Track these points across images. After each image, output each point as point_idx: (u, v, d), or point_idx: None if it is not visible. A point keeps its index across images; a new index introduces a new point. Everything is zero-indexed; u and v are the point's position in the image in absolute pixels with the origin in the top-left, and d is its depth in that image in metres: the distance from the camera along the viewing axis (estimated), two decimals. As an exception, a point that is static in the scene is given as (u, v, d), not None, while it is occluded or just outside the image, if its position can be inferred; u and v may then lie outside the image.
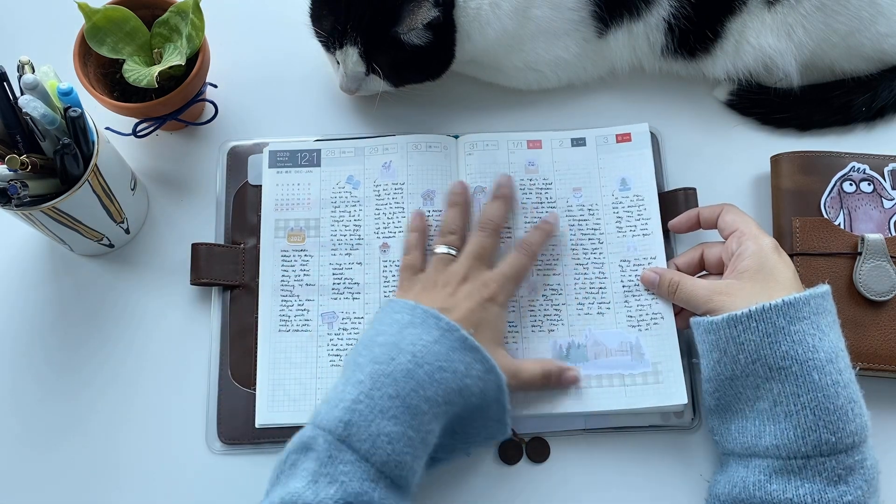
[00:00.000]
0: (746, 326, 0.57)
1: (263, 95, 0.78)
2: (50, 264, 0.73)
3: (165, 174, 0.76)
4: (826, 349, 0.56)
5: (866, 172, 0.71)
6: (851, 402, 0.56)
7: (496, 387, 0.59)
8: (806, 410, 0.55)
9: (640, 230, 0.71)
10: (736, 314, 0.58)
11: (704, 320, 0.60)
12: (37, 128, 0.61)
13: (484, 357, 0.59)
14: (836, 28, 0.71)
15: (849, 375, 0.57)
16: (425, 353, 0.56)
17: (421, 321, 0.58)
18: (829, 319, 0.58)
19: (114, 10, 0.69)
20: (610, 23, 0.72)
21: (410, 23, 0.65)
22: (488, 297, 0.63)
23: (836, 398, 0.55)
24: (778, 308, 0.57)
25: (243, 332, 0.68)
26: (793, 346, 0.56)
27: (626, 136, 0.74)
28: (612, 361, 0.66)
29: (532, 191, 0.72)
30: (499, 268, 0.65)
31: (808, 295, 0.57)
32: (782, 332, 0.56)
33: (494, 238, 0.67)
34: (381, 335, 0.58)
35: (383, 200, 0.72)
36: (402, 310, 0.60)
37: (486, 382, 0.59)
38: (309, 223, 0.71)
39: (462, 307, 0.61)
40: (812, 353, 0.56)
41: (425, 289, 0.64)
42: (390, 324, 0.59)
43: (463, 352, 0.58)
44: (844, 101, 0.74)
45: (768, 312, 0.57)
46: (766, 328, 0.57)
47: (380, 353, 0.57)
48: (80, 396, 0.68)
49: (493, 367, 0.59)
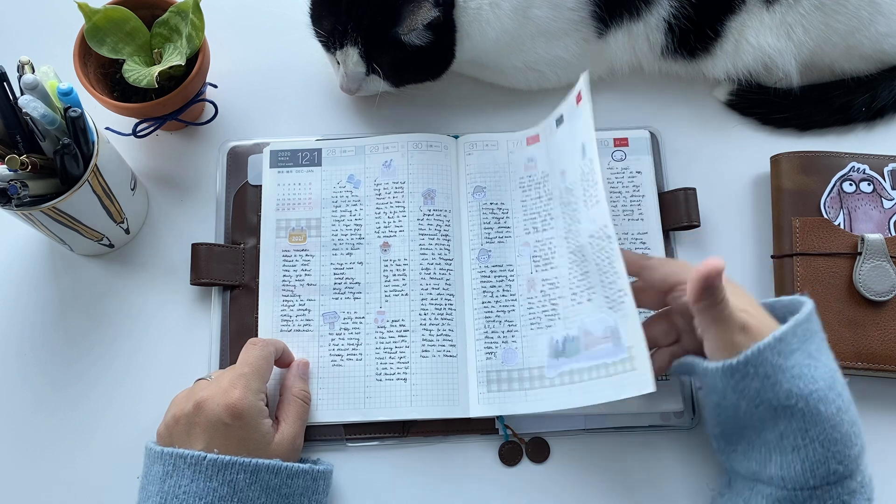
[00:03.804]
0: (744, 374, 0.54)
1: (263, 95, 0.78)
2: (50, 264, 0.73)
3: (165, 174, 0.76)
4: (824, 376, 0.54)
5: (866, 172, 0.71)
6: (853, 424, 0.55)
7: (275, 474, 0.57)
8: (815, 444, 0.53)
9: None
10: (731, 363, 0.54)
11: (700, 367, 0.57)
12: (37, 128, 0.61)
13: (243, 464, 0.56)
14: (835, 28, 0.71)
15: (847, 394, 0.56)
16: (188, 498, 0.55)
17: (173, 468, 0.56)
18: (818, 341, 0.57)
19: (114, 10, 0.69)
20: (610, 23, 0.72)
21: (411, 23, 0.65)
22: (233, 409, 0.58)
23: (842, 425, 0.54)
24: (770, 346, 0.54)
25: (243, 332, 0.69)
26: (793, 382, 0.54)
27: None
28: (597, 351, 0.63)
29: (531, 187, 0.72)
30: (236, 369, 0.61)
31: (794, 324, 0.55)
32: (780, 370, 0.54)
33: None
34: (150, 497, 0.56)
35: (384, 199, 0.72)
36: (154, 460, 0.57)
37: (262, 482, 0.57)
38: (310, 223, 0.71)
39: (210, 435, 0.58)
40: (813, 385, 0.54)
41: (172, 421, 0.60)
42: (152, 481, 0.57)
43: (221, 473, 0.56)
44: (844, 101, 0.75)
45: (763, 353, 0.54)
46: (766, 370, 0.54)
47: None
48: (80, 396, 0.68)
49: (258, 466, 0.56)
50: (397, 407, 0.66)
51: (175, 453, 0.56)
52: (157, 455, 0.57)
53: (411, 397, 0.66)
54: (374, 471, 0.66)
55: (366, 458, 0.66)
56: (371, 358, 0.67)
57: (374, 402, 0.66)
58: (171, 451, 0.57)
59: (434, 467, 0.66)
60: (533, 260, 0.70)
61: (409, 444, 0.66)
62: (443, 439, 0.66)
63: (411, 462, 0.66)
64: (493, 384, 0.66)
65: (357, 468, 0.66)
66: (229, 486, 0.56)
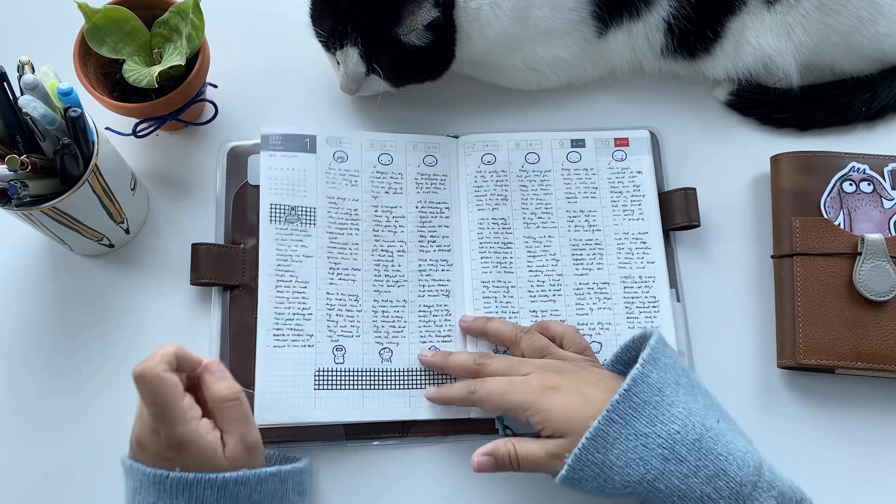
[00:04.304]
0: (579, 478, 0.55)
1: (264, 95, 0.78)
2: (50, 264, 0.73)
3: (165, 174, 0.76)
4: (656, 452, 0.54)
5: (866, 172, 0.71)
6: (711, 480, 0.53)
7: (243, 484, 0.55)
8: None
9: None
10: (563, 474, 0.55)
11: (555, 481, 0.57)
12: (37, 128, 0.61)
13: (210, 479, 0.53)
14: (835, 28, 0.71)
15: (697, 454, 0.54)
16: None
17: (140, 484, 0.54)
18: (649, 409, 0.55)
19: (114, 10, 0.69)
20: (610, 23, 0.72)
21: (411, 23, 0.65)
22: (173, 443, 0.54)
23: (692, 491, 0.53)
24: (586, 448, 0.54)
25: (243, 332, 0.68)
26: (623, 471, 0.54)
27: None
28: None
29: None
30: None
31: (607, 413, 0.54)
32: (606, 466, 0.54)
33: None
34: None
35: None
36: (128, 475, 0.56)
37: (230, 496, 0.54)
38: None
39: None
40: (644, 467, 0.54)
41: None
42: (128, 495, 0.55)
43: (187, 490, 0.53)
44: (844, 101, 0.75)
45: (582, 458, 0.54)
46: (593, 471, 0.54)
47: None
48: (80, 396, 0.68)
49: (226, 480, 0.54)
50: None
51: (139, 469, 0.54)
52: (127, 469, 0.56)
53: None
54: (374, 471, 0.66)
55: (366, 458, 0.66)
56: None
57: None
58: (136, 467, 0.54)
59: (434, 467, 0.66)
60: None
61: (409, 444, 0.66)
62: (443, 439, 0.66)
63: (411, 462, 0.66)
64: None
65: (357, 468, 0.66)
66: (198, 502, 0.54)
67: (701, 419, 0.55)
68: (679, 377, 0.58)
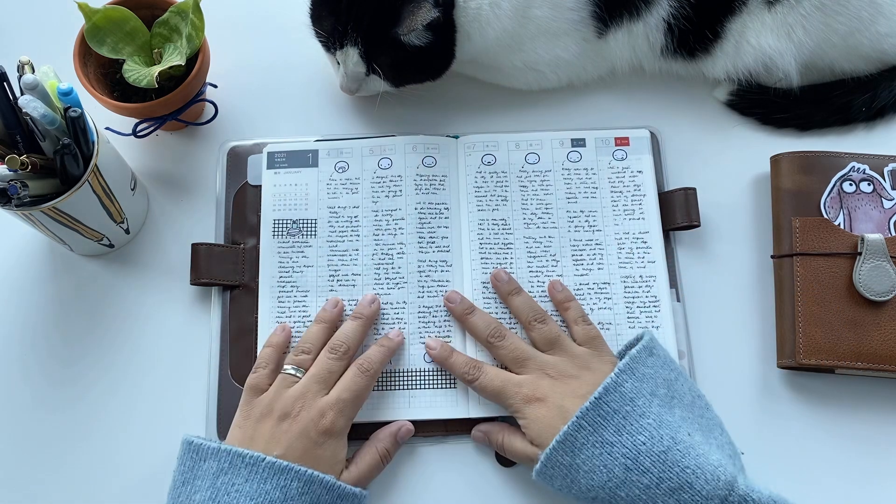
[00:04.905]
0: (551, 476, 0.58)
1: (263, 96, 0.78)
2: (50, 264, 0.73)
3: (165, 174, 0.76)
4: (619, 461, 0.55)
5: (866, 172, 0.71)
6: (674, 492, 0.54)
7: (327, 490, 0.58)
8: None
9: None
10: (537, 469, 0.59)
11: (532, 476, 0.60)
12: (37, 128, 0.61)
13: (299, 472, 0.57)
14: (835, 28, 0.71)
15: (662, 466, 0.55)
16: (239, 497, 0.56)
17: (229, 465, 0.57)
18: (618, 418, 0.57)
19: (114, 10, 0.69)
20: (610, 23, 0.72)
21: (411, 23, 0.65)
22: (324, 430, 0.60)
23: (654, 502, 0.55)
24: (555, 450, 0.57)
25: (243, 332, 0.69)
26: (588, 476, 0.56)
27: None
28: None
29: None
30: (336, 392, 0.61)
31: (576, 420, 0.57)
32: (573, 468, 0.57)
33: (343, 361, 0.63)
34: (198, 491, 0.56)
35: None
36: (208, 456, 0.58)
37: (312, 494, 0.57)
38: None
39: (293, 446, 0.59)
40: (608, 475, 0.56)
41: (262, 417, 0.61)
42: (203, 476, 0.57)
43: (276, 477, 0.56)
44: (844, 101, 0.75)
45: (552, 458, 0.57)
46: (561, 471, 0.57)
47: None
48: (79, 396, 0.68)
49: (312, 477, 0.57)
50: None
51: (234, 451, 0.57)
52: (212, 451, 0.58)
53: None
54: (374, 471, 0.66)
55: (366, 458, 0.66)
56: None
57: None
58: (228, 449, 0.57)
59: (434, 467, 0.66)
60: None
61: (409, 444, 0.66)
62: (442, 439, 0.66)
63: (411, 462, 0.66)
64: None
65: (357, 468, 0.66)
66: (281, 491, 0.56)
67: (671, 432, 0.56)
68: (657, 388, 0.59)
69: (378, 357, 0.64)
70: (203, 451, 0.58)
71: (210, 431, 0.66)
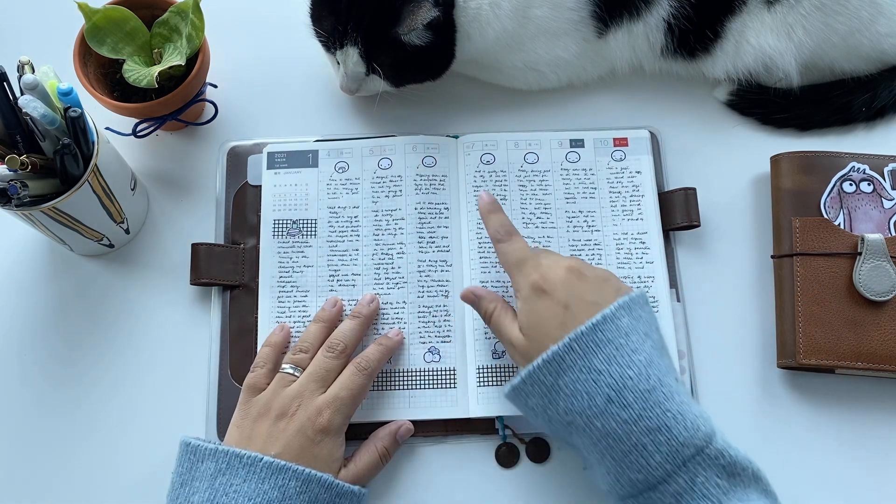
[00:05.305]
0: (527, 393, 0.57)
1: (263, 95, 0.78)
2: (50, 264, 0.73)
3: (165, 174, 0.76)
4: (603, 391, 0.54)
5: (866, 172, 0.71)
6: (651, 432, 0.53)
7: (325, 489, 0.58)
8: (605, 456, 0.54)
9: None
10: (514, 383, 0.58)
11: (503, 390, 0.60)
12: (37, 128, 0.61)
13: (296, 471, 0.57)
14: (835, 28, 0.71)
15: (644, 403, 0.53)
16: (237, 497, 0.55)
17: (227, 466, 0.57)
18: (610, 349, 0.55)
19: (114, 10, 0.69)
20: (610, 23, 0.72)
21: (411, 23, 0.65)
22: (321, 428, 0.59)
23: (628, 437, 0.53)
24: (540, 368, 0.56)
25: (243, 332, 0.69)
26: (569, 400, 0.55)
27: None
28: None
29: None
30: (333, 390, 0.61)
31: (568, 341, 0.55)
32: (554, 389, 0.55)
33: (340, 360, 0.63)
34: (196, 493, 0.56)
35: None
36: (206, 457, 0.58)
37: (310, 493, 0.57)
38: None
39: (290, 445, 0.59)
40: (588, 401, 0.54)
41: (259, 416, 0.61)
42: (201, 478, 0.57)
43: (274, 476, 0.56)
44: (844, 101, 0.75)
45: (534, 375, 0.56)
46: (540, 389, 0.56)
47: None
48: (79, 396, 0.68)
49: (310, 476, 0.57)
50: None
51: (231, 451, 0.57)
52: (209, 452, 0.58)
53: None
54: (373, 471, 0.66)
55: (365, 458, 0.66)
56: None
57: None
58: (225, 449, 0.57)
59: (434, 467, 0.66)
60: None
61: (409, 444, 0.66)
62: (442, 439, 0.66)
63: (411, 462, 0.66)
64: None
65: (357, 468, 0.66)
66: (279, 490, 0.56)
67: (659, 373, 0.55)
68: (650, 331, 0.58)
69: (376, 356, 0.64)
70: (201, 452, 0.58)
71: (210, 431, 0.66)
